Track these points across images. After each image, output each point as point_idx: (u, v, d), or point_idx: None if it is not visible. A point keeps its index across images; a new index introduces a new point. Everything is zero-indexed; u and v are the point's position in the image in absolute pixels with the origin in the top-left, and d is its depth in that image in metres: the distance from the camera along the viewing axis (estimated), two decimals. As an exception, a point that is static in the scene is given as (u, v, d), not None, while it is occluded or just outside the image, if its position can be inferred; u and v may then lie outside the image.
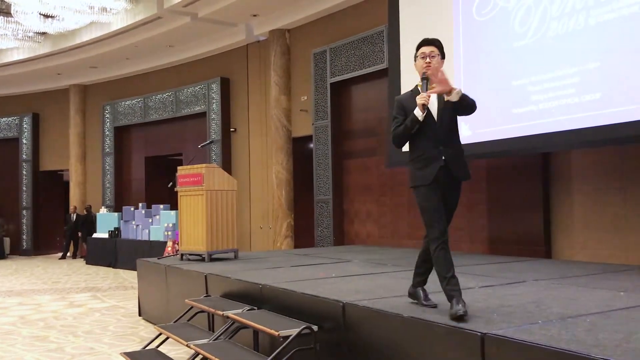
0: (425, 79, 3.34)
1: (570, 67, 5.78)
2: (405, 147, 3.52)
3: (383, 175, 9.15)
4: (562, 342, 2.47)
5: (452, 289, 3.13)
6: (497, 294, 3.83)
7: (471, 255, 6.74)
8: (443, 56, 3.46)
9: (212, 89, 12.21)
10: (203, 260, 6.24)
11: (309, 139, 10.40)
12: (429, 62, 3.37)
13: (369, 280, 4.55)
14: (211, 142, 7.66)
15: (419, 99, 3.25)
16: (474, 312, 3.15)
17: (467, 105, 3.30)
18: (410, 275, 4.80)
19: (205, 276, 5.28)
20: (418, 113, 3.24)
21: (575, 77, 5.74)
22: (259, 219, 11.37)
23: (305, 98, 10.43)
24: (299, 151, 10.67)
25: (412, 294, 3.53)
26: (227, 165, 11.87)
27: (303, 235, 10.49)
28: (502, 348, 2.59)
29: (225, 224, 6.35)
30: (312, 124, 10.13)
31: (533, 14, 6.16)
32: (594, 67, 5.60)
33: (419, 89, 3.36)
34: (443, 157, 3.26)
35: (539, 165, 6.93)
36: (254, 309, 4.34)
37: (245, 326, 4.10)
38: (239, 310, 4.29)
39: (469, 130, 6.84)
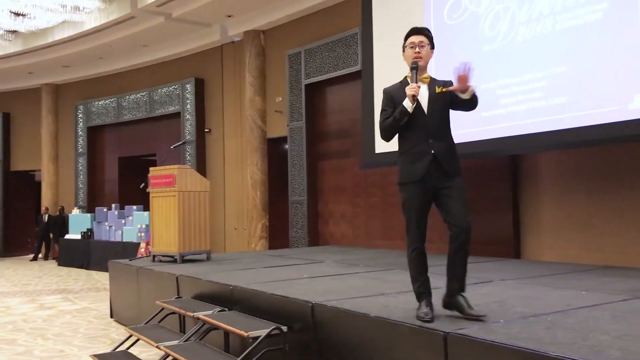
0: (414, 68, 3.17)
1: (538, 71, 5.91)
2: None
3: (357, 176, 9.22)
4: (522, 340, 2.54)
5: (421, 292, 3.16)
6: (472, 292, 3.89)
7: (441, 256, 6.82)
8: (433, 46, 3.29)
9: (187, 89, 12.16)
10: (175, 261, 6.22)
11: (284, 140, 10.43)
12: (419, 52, 3.21)
13: (339, 281, 4.59)
14: (184, 143, 7.63)
15: (409, 90, 3.09)
16: (440, 312, 3.20)
17: (473, 103, 3.14)
18: (381, 275, 4.90)
19: (177, 277, 5.27)
20: (407, 104, 3.09)
21: (543, 81, 5.86)
22: (234, 220, 11.35)
23: (280, 99, 10.45)
24: (274, 152, 10.69)
25: (449, 304, 3.18)
26: (201, 165, 11.83)
27: (278, 236, 10.50)
28: (464, 347, 2.65)
29: (197, 225, 6.34)
30: (287, 125, 10.15)
31: (502, 18, 6.27)
32: (561, 71, 5.73)
33: (408, 79, 3.20)
34: (432, 152, 3.09)
35: (508, 167, 7.06)
36: (225, 310, 4.35)
37: (215, 327, 4.11)
38: (210, 312, 4.30)
39: (441, 132, 6.93)
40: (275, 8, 10.22)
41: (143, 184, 6.69)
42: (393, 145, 8.25)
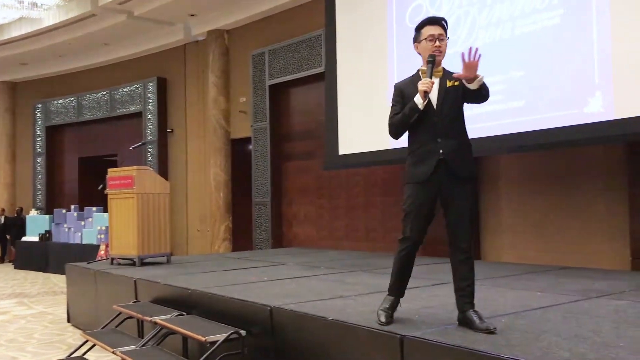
0: (431, 62, 2.91)
1: (498, 74, 6.00)
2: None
3: (321, 177, 9.21)
4: (476, 342, 2.56)
5: (392, 288, 3.12)
6: (423, 295, 3.92)
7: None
8: (447, 38, 3.05)
9: (149, 89, 11.97)
10: (134, 264, 6.11)
11: (247, 140, 10.36)
12: (439, 46, 2.96)
13: (299, 284, 4.57)
14: (144, 144, 7.51)
15: (421, 85, 2.87)
16: (397, 315, 3.21)
17: (483, 95, 2.91)
18: (342, 278, 4.90)
19: (135, 281, 5.17)
20: (418, 101, 2.88)
21: (502, 85, 5.96)
22: (197, 221, 11.22)
23: (244, 99, 10.38)
24: (238, 153, 10.61)
25: (461, 321, 2.93)
26: (163, 166, 11.67)
27: (241, 238, 10.43)
28: (420, 349, 2.66)
29: (157, 228, 6.24)
30: (251, 125, 10.09)
31: (463, 23, 6.35)
32: (519, 75, 5.84)
33: (420, 74, 2.98)
34: (441, 151, 2.88)
35: (469, 168, 7.15)
36: (183, 315, 4.29)
37: (173, 332, 4.04)
38: (167, 316, 4.22)
39: (403, 134, 6.98)
40: (239, 8, 10.15)
41: (101, 186, 6.54)
42: (356, 147, 8.30)
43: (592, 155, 6.12)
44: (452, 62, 3.07)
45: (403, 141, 3.00)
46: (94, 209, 11.37)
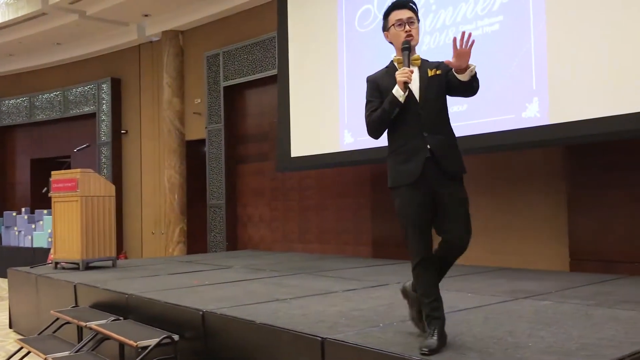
0: (407, 49, 2.68)
1: (441, 79, 6.10)
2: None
3: (275, 179, 9.22)
4: (392, 344, 2.62)
5: (430, 316, 2.62)
6: (356, 297, 3.98)
7: (352, 259, 6.96)
8: (418, 20, 2.82)
9: (103, 89, 11.78)
10: (79, 268, 6.02)
11: (202, 142, 10.29)
12: (410, 30, 2.72)
13: (239, 287, 4.58)
14: (88, 146, 7.39)
15: (400, 75, 2.60)
16: (324, 317, 3.26)
17: (474, 87, 2.66)
18: (282, 281, 4.92)
19: (75, 286, 5.10)
20: (398, 92, 2.61)
21: (445, 89, 6.06)
22: (151, 224, 11.09)
23: (199, 101, 10.31)
24: (193, 155, 10.52)
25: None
26: (117, 168, 11.51)
27: (196, 240, 10.35)
28: (340, 351, 2.71)
29: (102, 231, 6.15)
30: (206, 127, 10.03)
31: (409, 27, 6.44)
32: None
33: (395, 64, 2.75)
34: (428, 147, 2.61)
35: (418, 171, 7.25)
36: (120, 319, 4.25)
37: (108, 337, 4.00)
38: (103, 321, 4.18)
39: (351, 137, 7.06)
40: (194, 9, 10.07)
41: (45, 189, 6.42)
42: (307, 149, 8.32)
43: (533, 158, 6.28)
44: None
45: (355, 143, 2.80)
46: (45, 211, 11.13)
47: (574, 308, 3.40)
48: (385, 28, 2.87)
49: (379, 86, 2.78)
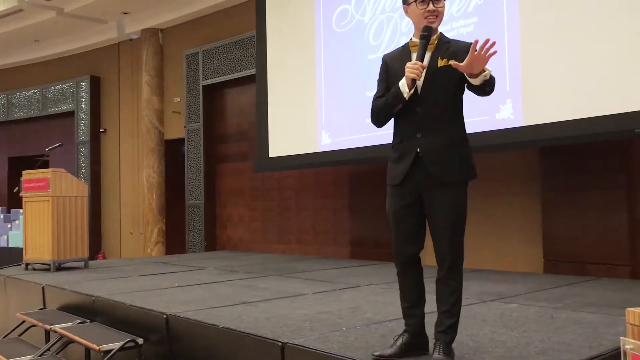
0: (425, 36, 2.35)
1: (417, 80, 6.09)
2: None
3: (255, 179, 9.17)
4: (352, 349, 2.60)
5: (405, 323, 2.56)
6: (324, 299, 3.95)
7: (329, 260, 6.94)
8: None
9: (82, 88, 11.64)
10: (50, 269, 5.93)
11: (181, 141, 10.20)
12: (434, 10, 2.39)
13: (208, 290, 4.52)
14: (60, 145, 7.29)
15: (409, 70, 2.31)
16: (289, 321, 3.22)
17: (486, 91, 2.42)
18: (254, 283, 4.88)
19: (43, 287, 5.01)
20: (404, 89, 2.35)
21: (421, 90, 6.05)
22: (130, 223, 10.99)
23: (179, 100, 10.22)
24: (172, 154, 10.43)
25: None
26: (96, 167, 11.39)
27: (175, 240, 10.27)
28: (299, 356, 2.68)
29: (74, 232, 6.07)
30: (185, 126, 9.95)
31: (385, 28, 6.43)
32: (437, 81, 5.94)
33: (410, 49, 2.44)
34: (418, 149, 2.40)
35: (395, 172, 7.23)
36: (86, 322, 4.18)
37: (73, 341, 3.94)
38: (69, 324, 4.11)
39: (329, 138, 7.04)
40: (173, 7, 9.99)
41: (17, 188, 6.33)
42: (285, 149, 8.29)
43: (508, 159, 6.29)
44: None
45: (333, 144, 2.55)
46: (21, 211, 10.94)
47: (539, 311, 3.40)
48: (405, 2, 2.49)
49: (388, 69, 2.53)
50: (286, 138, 7.63)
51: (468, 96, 2.30)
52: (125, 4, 10.00)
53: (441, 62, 2.38)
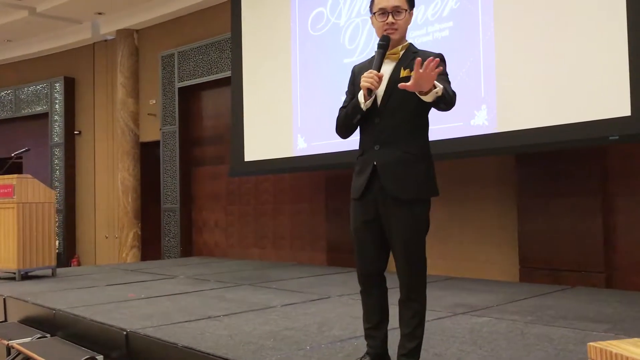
0: (382, 45, 2.31)
1: (392, 85, 6.01)
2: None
3: (231, 183, 9.03)
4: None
5: (367, 344, 2.48)
6: (293, 313, 3.84)
7: (304, 267, 6.84)
8: (412, 7, 2.43)
9: (56, 89, 11.40)
10: (15, 278, 5.75)
11: (157, 144, 10.02)
12: (394, 23, 2.34)
13: (174, 302, 4.39)
14: (27, 150, 7.13)
15: (364, 80, 2.26)
16: (252, 338, 3.11)
17: (441, 108, 2.31)
18: (224, 293, 4.76)
19: (4, 299, 4.85)
20: (361, 99, 2.31)
21: (396, 95, 5.97)
22: (105, 228, 10.78)
23: (154, 102, 10.05)
24: (147, 157, 10.24)
25: None
26: (70, 170, 11.16)
27: (151, 245, 10.09)
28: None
29: (41, 239, 5.90)
30: (160, 129, 9.78)
31: (360, 32, 6.34)
32: (412, 86, 5.86)
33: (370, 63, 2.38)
34: (375, 163, 2.33)
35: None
36: (46, 337, 4.04)
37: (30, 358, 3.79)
38: (28, 339, 3.96)
39: (305, 142, 6.93)
40: (148, 7, 9.81)
41: (-19, 194, 6.12)
42: (261, 153, 8.16)
43: (485, 165, 6.23)
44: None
45: (309, 148, 2.42)
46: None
47: (510, 326, 3.32)
48: (370, 10, 2.45)
49: (355, 79, 2.45)
50: (262, 142, 7.51)
51: None
52: (100, 4, 9.80)
53: (403, 73, 2.32)
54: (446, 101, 2.25)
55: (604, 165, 5.36)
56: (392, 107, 2.33)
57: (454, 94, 2.32)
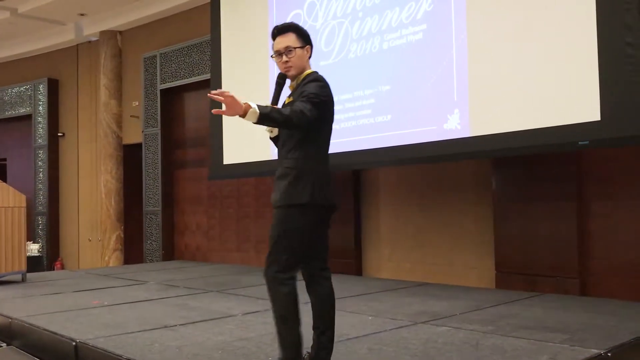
0: (279, 82, 2.69)
1: (367, 88, 5.95)
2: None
3: (213, 186, 8.95)
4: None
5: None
6: (252, 321, 3.77)
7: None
8: (306, 41, 2.70)
9: (39, 90, 11.31)
10: (-17, 284, 5.68)
11: (140, 146, 9.94)
12: (287, 62, 2.65)
13: (135, 310, 4.32)
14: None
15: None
16: (201, 350, 3.04)
17: (273, 126, 2.58)
18: (188, 301, 4.68)
19: (-34, 306, 4.76)
20: (266, 129, 2.71)
21: (371, 99, 5.91)
22: (88, 230, 10.70)
23: (137, 104, 9.96)
24: (130, 159, 10.15)
25: None
26: (54, 172, 11.08)
27: (133, 248, 10.00)
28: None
29: (10, 244, 5.82)
30: (142, 131, 9.70)
31: (337, 34, 6.27)
32: (386, 89, 5.80)
33: (290, 90, 2.75)
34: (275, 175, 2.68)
35: (351, 180, 7.09)
36: (1, 347, 3.96)
37: (-16, 367, 3.72)
38: (-18, 349, 3.89)
39: (281, 145, 6.85)
40: (131, 9, 9.73)
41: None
42: (239, 156, 8.06)
43: (461, 168, 6.17)
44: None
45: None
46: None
47: (467, 337, 3.25)
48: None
49: None
50: (240, 145, 7.44)
51: (417, 105, 2.20)
52: (81, 5, 9.72)
53: (287, 100, 2.67)
54: (275, 120, 2.43)
55: (579, 170, 5.30)
56: (280, 132, 2.70)
57: (294, 113, 2.45)
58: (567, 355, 2.81)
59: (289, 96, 2.70)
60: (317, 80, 2.63)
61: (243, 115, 2.37)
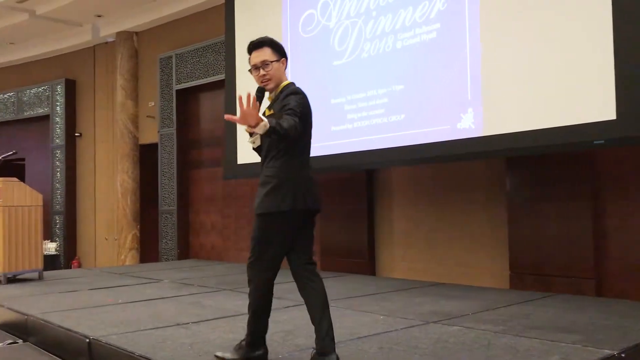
0: (259, 96, 2.77)
1: (380, 88, 5.94)
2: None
3: (228, 185, 9.00)
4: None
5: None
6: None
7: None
8: (282, 55, 2.84)
9: (57, 91, 11.46)
10: (0, 282, 5.76)
11: (156, 146, 10.02)
12: (265, 75, 2.78)
13: (149, 308, 4.35)
14: (14, 153, 7.17)
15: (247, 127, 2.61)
16: (212, 347, 3.06)
17: (275, 139, 2.62)
18: (202, 299, 4.71)
19: (-17, 303, 4.84)
20: (249, 140, 2.82)
21: (384, 98, 5.90)
22: (105, 230, 10.81)
23: (153, 104, 10.05)
24: (146, 159, 10.24)
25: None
26: (71, 171, 11.21)
27: (149, 247, 10.09)
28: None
29: (27, 243, 5.90)
30: (158, 131, 9.78)
31: (350, 34, 6.27)
32: (400, 89, 5.79)
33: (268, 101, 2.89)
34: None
35: (364, 180, 7.08)
36: (18, 343, 4.02)
37: (0, 363, 3.78)
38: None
39: (295, 145, 6.86)
40: (146, 9, 9.82)
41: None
42: (253, 156, 8.11)
43: (475, 168, 6.14)
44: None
45: None
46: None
47: (478, 336, 3.23)
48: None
49: None
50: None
51: (430, 104, 2.22)
52: (98, 7, 9.83)
53: (267, 112, 2.78)
54: (279, 133, 2.50)
55: (595, 170, 5.24)
56: (263, 142, 2.78)
57: (291, 126, 2.55)
58: (580, 355, 2.78)
59: (268, 108, 2.82)
60: (296, 92, 2.76)
61: (254, 127, 2.42)
